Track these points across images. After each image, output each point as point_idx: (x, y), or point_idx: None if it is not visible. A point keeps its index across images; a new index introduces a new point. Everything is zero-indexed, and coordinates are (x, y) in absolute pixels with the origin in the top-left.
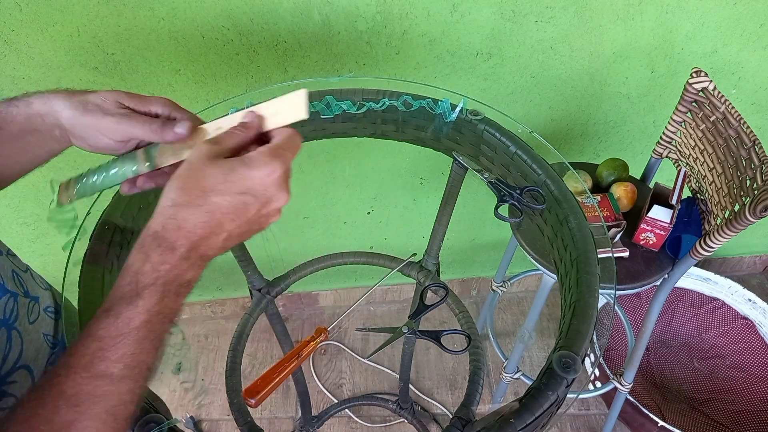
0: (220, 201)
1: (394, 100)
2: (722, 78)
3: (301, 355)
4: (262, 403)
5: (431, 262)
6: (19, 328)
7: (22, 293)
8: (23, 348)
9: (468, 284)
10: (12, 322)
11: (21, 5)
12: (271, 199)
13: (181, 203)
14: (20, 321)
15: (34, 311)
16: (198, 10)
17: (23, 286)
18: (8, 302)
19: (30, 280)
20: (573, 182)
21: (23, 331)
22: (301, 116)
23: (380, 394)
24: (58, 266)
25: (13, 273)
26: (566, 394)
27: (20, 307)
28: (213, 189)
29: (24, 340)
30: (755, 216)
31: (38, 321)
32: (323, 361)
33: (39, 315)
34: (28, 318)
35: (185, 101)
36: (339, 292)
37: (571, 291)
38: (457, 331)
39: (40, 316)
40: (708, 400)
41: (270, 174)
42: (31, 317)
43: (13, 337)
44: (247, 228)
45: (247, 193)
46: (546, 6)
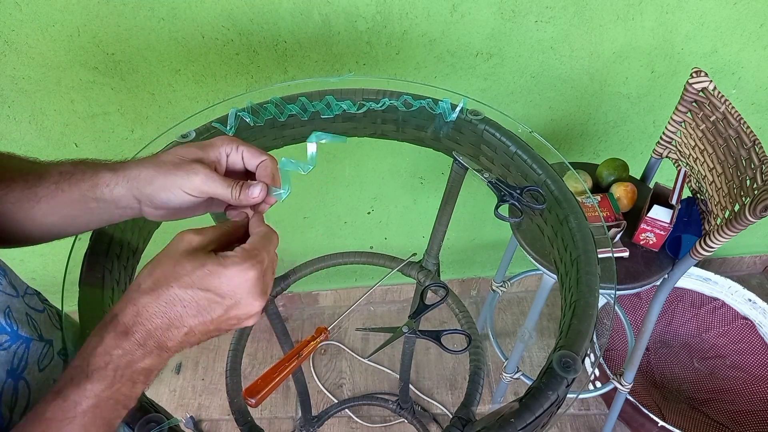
0: (182, 294)
1: (394, 100)
2: (722, 78)
3: (301, 355)
4: (262, 403)
5: (431, 262)
6: (27, 377)
7: (36, 337)
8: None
9: (468, 284)
10: (20, 372)
11: (21, 5)
12: (239, 303)
13: (145, 289)
14: (29, 369)
15: (47, 356)
16: (198, 10)
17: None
18: (19, 349)
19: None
20: (573, 182)
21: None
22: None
23: (380, 394)
24: (58, 266)
25: (27, 316)
26: (566, 394)
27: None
28: (177, 280)
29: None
30: (755, 216)
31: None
32: (323, 361)
33: (52, 359)
34: (38, 365)
35: (185, 101)
36: (339, 292)
37: (571, 291)
38: (457, 331)
39: (53, 360)
40: (708, 400)
41: (239, 275)
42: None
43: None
44: (214, 327)
45: (211, 291)
46: (546, 6)
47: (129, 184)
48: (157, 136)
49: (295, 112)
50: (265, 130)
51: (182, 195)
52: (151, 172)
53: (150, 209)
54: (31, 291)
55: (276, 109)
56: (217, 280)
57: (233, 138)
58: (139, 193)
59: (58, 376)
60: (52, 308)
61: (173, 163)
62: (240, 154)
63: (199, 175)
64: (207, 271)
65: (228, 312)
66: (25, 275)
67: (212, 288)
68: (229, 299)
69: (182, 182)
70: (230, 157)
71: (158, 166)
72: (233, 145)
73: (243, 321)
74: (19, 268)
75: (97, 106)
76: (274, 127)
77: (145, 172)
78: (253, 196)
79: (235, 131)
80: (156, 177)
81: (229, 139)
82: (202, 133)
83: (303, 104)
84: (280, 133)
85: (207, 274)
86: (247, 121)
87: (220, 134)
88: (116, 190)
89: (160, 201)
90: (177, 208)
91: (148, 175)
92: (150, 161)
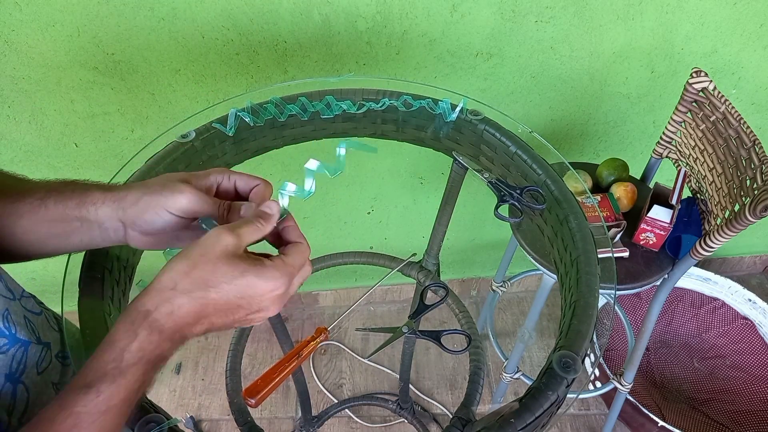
0: (217, 298)
1: (394, 100)
2: (722, 78)
3: (301, 355)
4: (262, 403)
5: (431, 262)
6: (25, 381)
7: (35, 340)
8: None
9: (468, 284)
10: (18, 375)
11: (21, 5)
12: (263, 309)
13: (181, 290)
14: (27, 373)
15: (45, 359)
16: (198, 10)
17: (35, 332)
18: (17, 353)
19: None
20: (573, 182)
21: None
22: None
23: (380, 394)
24: (58, 266)
25: (25, 319)
26: (566, 394)
27: (30, 357)
28: (216, 286)
29: (30, 393)
30: (755, 216)
31: (48, 369)
32: (323, 361)
33: (50, 362)
34: (37, 368)
35: (185, 101)
36: (339, 292)
37: (571, 291)
38: (457, 331)
39: (51, 363)
40: (708, 400)
41: (274, 290)
42: (41, 367)
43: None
44: (229, 324)
45: (244, 298)
46: (546, 6)
47: (115, 205)
48: (157, 136)
49: (295, 112)
50: (265, 130)
51: (167, 215)
52: (138, 193)
53: (134, 233)
54: (27, 294)
55: (276, 109)
56: (252, 290)
57: (224, 168)
58: (124, 215)
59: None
60: (49, 311)
61: (160, 184)
62: (232, 182)
63: (185, 194)
64: (246, 282)
65: (249, 315)
66: (25, 276)
67: (246, 296)
68: (256, 305)
69: (167, 201)
70: (222, 185)
71: (146, 187)
72: (225, 174)
73: (254, 321)
74: (19, 268)
75: (97, 106)
76: (274, 127)
77: (132, 194)
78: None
79: (235, 131)
80: (142, 197)
81: (220, 169)
82: (202, 133)
83: (303, 104)
84: (280, 133)
85: (245, 285)
86: (246, 121)
87: (220, 134)
88: (101, 210)
89: (144, 223)
90: (162, 230)
91: (134, 197)
92: (139, 184)
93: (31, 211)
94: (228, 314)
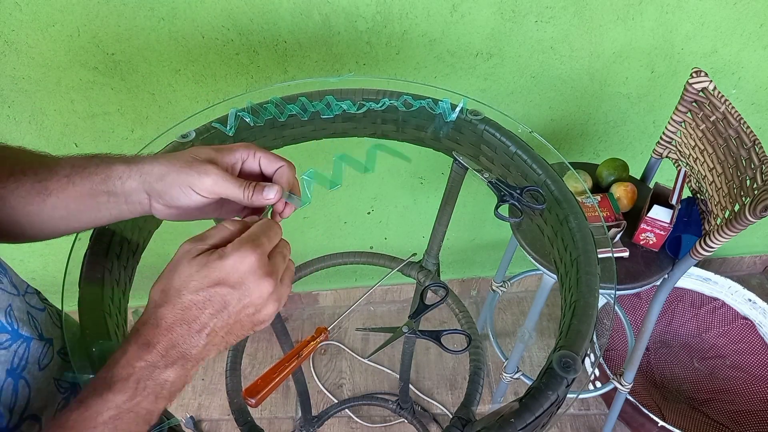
0: (194, 297)
1: (394, 100)
2: (722, 78)
3: (301, 355)
4: (262, 403)
5: (431, 262)
6: (26, 376)
7: (37, 336)
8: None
9: (468, 284)
10: (20, 371)
11: (21, 5)
12: (248, 287)
13: (158, 303)
14: (29, 369)
15: (48, 355)
16: (198, 10)
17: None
18: (19, 348)
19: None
20: (573, 182)
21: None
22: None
23: (380, 394)
24: (58, 266)
25: (29, 315)
26: (566, 394)
27: (32, 353)
28: (186, 286)
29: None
30: (755, 216)
31: (50, 365)
32: (323, 361)
33: (52, 359)
34: (39, 364)
35: (185, 101)
36: (339, 292)
37: (571, 291)
38: (457, 331)
39: (53, 360)
40: (708, 400)
41: (241, 260)
42: (42, 363)
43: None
44: (234, 320)
45: (220, 284)
46: (546, 6)
47: (141, 178)
48: (157, 136)
49: (295, 112)
50: (265, 130)
51: (192, 194)
52: (164, 169)
53: (159, 206)
54: (32, 290)
55: (276, 109)
56: (220, 272)
57: (251, 144)
58: (150, 188)
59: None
60: (53, 307)
61: (186, 161)
62: (257, 160)
63: (210, 176)
64: (211, 268)
65: (242, 301)
66: (25, 275)
67: (219, 281)
68: (238, 286)
69: (193, 181)
70: (246, 162)
71: (171, 163)
72: (250, 151)
73: (261, 309)
74: (19, 268)
75: (97, 106)
76: (274, 127)
77: (158, 168)
78: (267, 197)
79: (235, 131)
80: (168, 174)
81: (246, 145)
82: (202, 133)
83: (303, 104)
84: (280, 133)
85: (211, 270)
86: (246, 121)
87: (220, 134)
88: (128, 183)
89: (169, 198)
90: (186, 207)
91: (160, 171)
92: (164, 157)
93: (59, 188)
94: (218, 308)
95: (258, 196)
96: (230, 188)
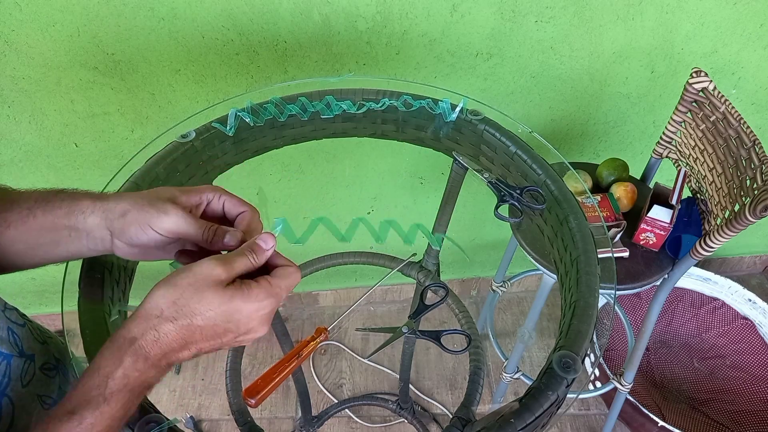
0: (204, 325)
1: (394, 100)
2: (722, 78)
3: (301, 355)
4: (263, 403)
5: (431, 262)
6: (10, 394)
7: (17, 353)
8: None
9: (468, 284)
10: (3, 388)
11: (21, 5)
12: (250, 331)
13: (167, 317)
14: (12, 386)
15: (29, 372)
16: (198, 10)
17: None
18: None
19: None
20: (573, 182)
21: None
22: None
23: (380, 394)
24: (58, 266)
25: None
26: (566, 394)
27: (14, 370)
28: (202, 314)
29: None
30: (755, 216)
31: (32, 382)
32: (323, 361)
33: (34, 375)
34: (21, 381)
35: (185, 101)
36: (339, 292)
37: (571, 291)
38: (457, 331)
39: (36, 376)
40: (708, 400)
41: (260, 310)
42: (25, 379)
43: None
44: (217, 347)
45: (231, 322)
46: (546, 6)
47: (104, 215)
48: (157, 136)
49: (295, 112)
50: (265, 130)
51: (151, 233)
52: (126, 206)
53: (121, 244)
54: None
55: (276, 109)
56: (238, 314)
57: (217, 187)
58: (111, 225)
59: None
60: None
61: (148, 199)
62: (221, 203)
63: (169, 215)
64: (233, 307)
65: (237, 337)
66: (25, 275)
67: (233, 320)
68: (244, 327)
69: (152, 220)
70: (211, 204)
71: (135, 201)
72: (216, 193)
73: (243, 343)
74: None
75: (97, 106)
76: (274, 127)
77: (121, 206)
78: (227, 243)
79: (235, 131)
80: (129, 211)
81: (213, 187)
82: (202, 133)
83: (303, 104)
84: (280, 133)
85: (232, 309)
86: (246, 121)
87: (220, 134)
88: (90, 218)
89: (129, 236)
90: (146, 245)
91: (123, 209)
92: (129, 196)
93: (19, 220)
94: (216, 338)
95: (218, 240)
96: (189, 228)
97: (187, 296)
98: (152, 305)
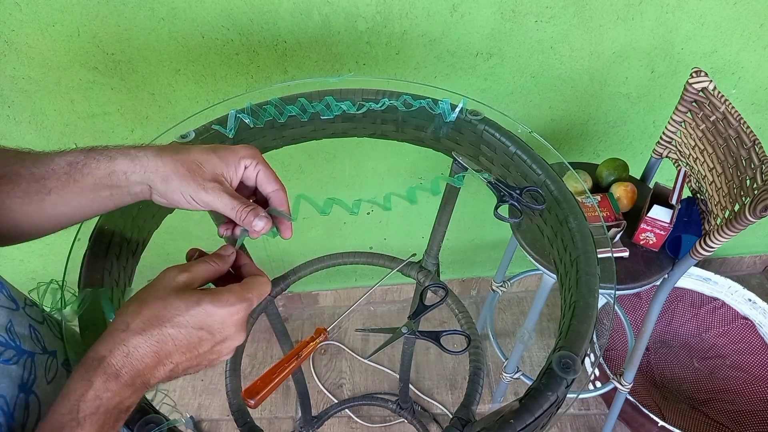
0: (175, 333)
1: (394, 100)
2: (722, 78)
3: (301, 355)
4: (262, 403)
5: (431, 262)
6: (36, 391)
7: (40, 350)
8: (41, 413)
9: (468, 284)
10: (30, 386)
11: (21, 5)
12: (227, 338)
13: (135, 329)
14: (38, 383)
15: (52, 368)
16: (198, 10)
17: (40, 341)
18: (26, 363)
19: (47, 333)
20: (573, 182)
21: (41, 393)
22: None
23: (380, 394)
24: (58, 266)
25: (31, 328)
26: (566, 395)
27: (38, 367)
28: (171, 320)
29: (42, 404)
30: (755, 216)
31: (56, 379)
32: (323, 361)
33: (57, 371)
34: (46, 378)
35: (185, 101)
36: (339, 292)
37: (571, 291)
38: (457, 331)
39: (59, 372)
40: (708, 400)
41: (233, 314)
42: (49, 375)
43: (31, 403)
44: (197, 362)
45: (204, 329)
46: (546, 6)
47: (145, 176)
48: (157, 136)
49: (294, 113)
50: (265, 131)
51: (192, 203)
52: (169, 173)
53: (159, 198)
54: (30, 302)
55: (275, 110)
56: (210, 319)
57: (256, 153)
58: (153, 185)
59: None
60: (51, 319)
61: (191, 170)
62: (256, 172)
63: (210, 194)
64: (202, 310)
65: (214, 347)
66: (24, 275)
67: (206, 326)
68: (219, 335)
69: (194, 193)
70: (247, 170)
71: (176, 168)
72: (254, 161)
73: (223, 355)
74: (19, 268)
75: (97, 106)
76: (273, 127)
77: (162, 170)
78: (255, 227)
79: (234, 133)
80: (172, 179)
81: (251, 153)
82: (202, 133)
83: (302, 105)
84: (279, 134)
85: (202, 313)
86: (246, 123)
87: (220, 135)
88: (132, 177)
89: (169, 199)
90: (183, 206)
91: (165, 174)
92: (170, 158)
93: (59, 186)
94: (191, 349)
95: (249, 221)
96: (226, 207)
97: (153, 306)
98: (117, 322)
